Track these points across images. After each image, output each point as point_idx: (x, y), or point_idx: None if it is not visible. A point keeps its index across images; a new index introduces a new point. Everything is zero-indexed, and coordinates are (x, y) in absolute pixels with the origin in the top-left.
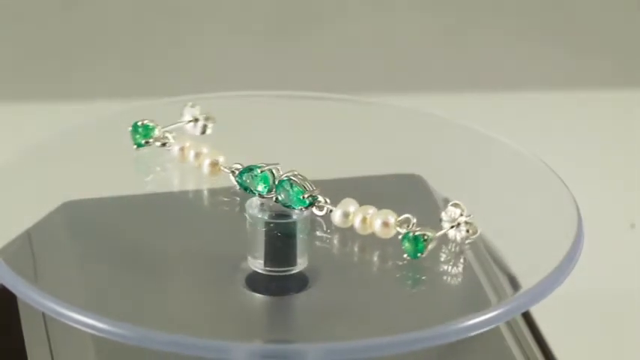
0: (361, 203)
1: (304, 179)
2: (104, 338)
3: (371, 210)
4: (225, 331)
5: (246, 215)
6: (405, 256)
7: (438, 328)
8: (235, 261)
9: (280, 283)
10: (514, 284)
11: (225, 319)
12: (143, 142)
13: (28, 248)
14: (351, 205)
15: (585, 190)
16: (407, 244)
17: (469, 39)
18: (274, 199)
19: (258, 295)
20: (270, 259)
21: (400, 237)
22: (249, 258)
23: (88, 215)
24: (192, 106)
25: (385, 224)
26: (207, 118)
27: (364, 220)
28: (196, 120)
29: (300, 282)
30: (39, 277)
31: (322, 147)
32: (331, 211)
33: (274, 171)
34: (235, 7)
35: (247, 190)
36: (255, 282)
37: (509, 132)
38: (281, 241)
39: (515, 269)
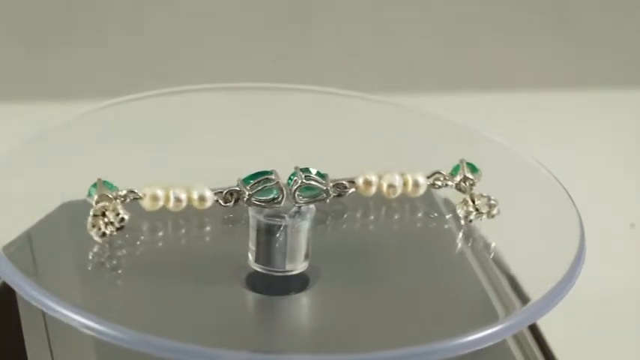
0: (361, 204)
1: (311, 179)
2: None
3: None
4: (226, 332)
5: (248, 215)
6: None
7: (442, 342)
8: (236, 261)
9: (281, 284)
10: (514, 285)
11: (225, 319)
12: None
13: (28, 248)
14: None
15: (585, 190)
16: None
17: (469, 39)
18: (294, 204)
19: (258, 295)
20: (271, 259)
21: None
22: (250, 258)
23: (87, 215)
24: None
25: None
26: None
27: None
28: None
29: (301, 282)
30: (39, 276)
31: (322, 146)
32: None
33: (280, 181)
34: (235, 5)
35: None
36: (255, 282)
37: (508, 132)
38: (282, 241)
39: (517, 274)
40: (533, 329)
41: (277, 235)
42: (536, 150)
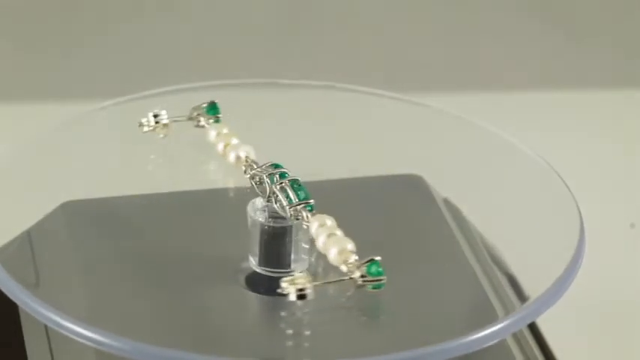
0: (361, 204)
1: (291, 190)
2: None
3: (338, 232)
4: (227, 334)
5: (248, 216)
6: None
7: (442, 344)
8: (236, 261)
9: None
10: (514, 284)
11: (225, 320)
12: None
13: (27, 249)
14: (327, 219)
15: (585, 190)
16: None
17: (469, 39)
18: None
19: (258, 296)
20: (271, 260)
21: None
22: (250, 258)
23: (88, 215)
24: None
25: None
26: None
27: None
28: None
29: None
30: (39, 278)
31: (322, 146)
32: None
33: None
34: (235, 5)
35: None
36: (255, 282)
37: (508, 132)
38: (282, 242)
39: (515, 271)
40: (534, 329)
41: (277, 235)
42: (535, 150)
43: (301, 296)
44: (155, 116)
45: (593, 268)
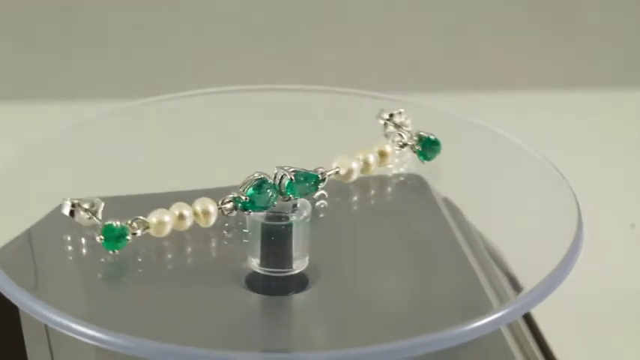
0: (361, 204)
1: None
2: None
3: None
4: (228, 334)
5: (246, 216)
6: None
7: (441, 332)
8: (235, 261)
9: (280, 284)
10: (514, 284)
11: (225, 320)
12: None
13: (27, 248)
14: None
15: (585, 190)
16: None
17: (469, 39)
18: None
19: (258, 295)
20: (270, 259)
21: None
22: (249, 258)
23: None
24: None
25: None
26: None
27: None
28: None
29: (300, 282)
30: (38, 278)
31: (321, 146)
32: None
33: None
34: (234, 7)
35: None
36: (255, 282)
37: (508, 132)
38: (281, 241)
39: (515, 269)
40: (533, 329)
41: (275, 235)
42: (535, 149)
43: (71, 212)
44: (390, 115)
45: (593, 268)
